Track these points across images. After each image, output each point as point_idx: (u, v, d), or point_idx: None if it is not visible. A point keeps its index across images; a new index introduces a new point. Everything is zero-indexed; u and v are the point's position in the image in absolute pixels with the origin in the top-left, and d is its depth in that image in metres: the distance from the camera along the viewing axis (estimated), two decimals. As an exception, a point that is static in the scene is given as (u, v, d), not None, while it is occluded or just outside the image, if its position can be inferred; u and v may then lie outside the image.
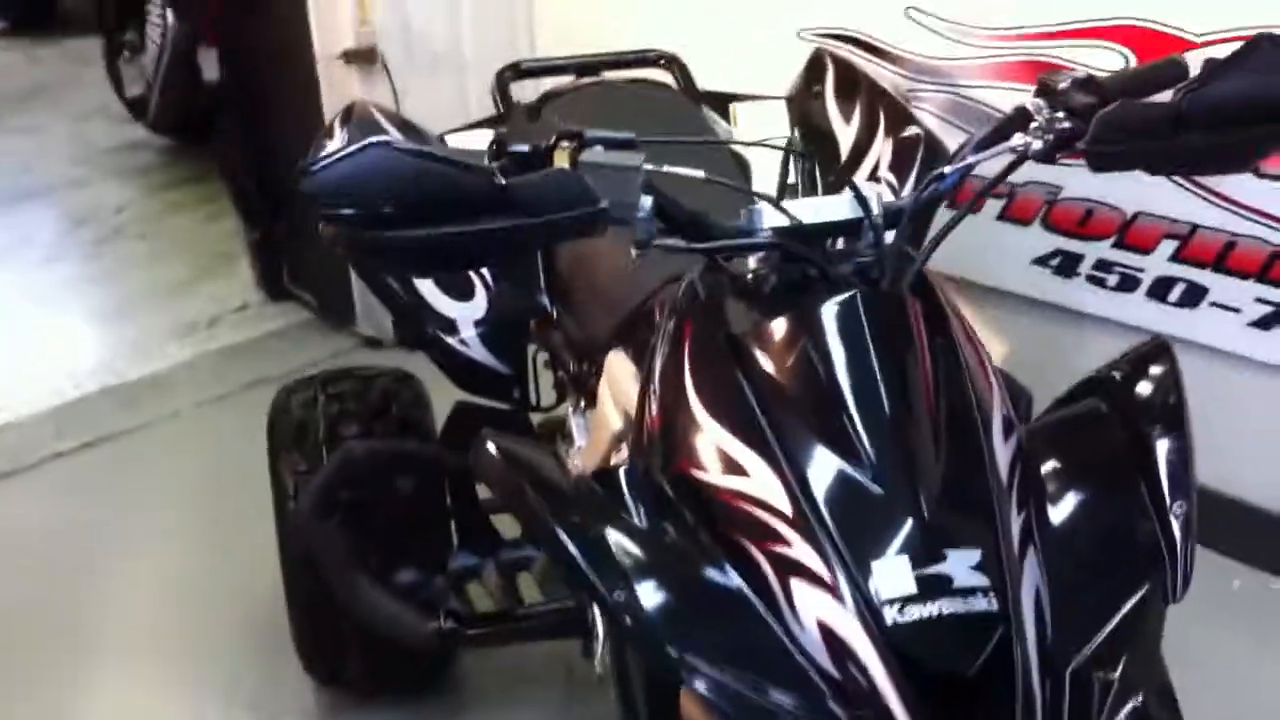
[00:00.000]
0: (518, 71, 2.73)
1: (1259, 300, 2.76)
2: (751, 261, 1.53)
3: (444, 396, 2.59)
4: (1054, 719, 1.28)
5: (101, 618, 2.98)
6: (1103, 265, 2.98)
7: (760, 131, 2.54)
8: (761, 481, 1.36)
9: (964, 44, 3.05)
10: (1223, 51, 2.57)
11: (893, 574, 1.27)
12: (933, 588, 1.26)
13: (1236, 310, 2.79)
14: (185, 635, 2.91)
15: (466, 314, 2.27)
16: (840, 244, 1.55)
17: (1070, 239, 3.01)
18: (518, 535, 2.51)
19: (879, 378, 1.38)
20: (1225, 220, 2.75)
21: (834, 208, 1.53)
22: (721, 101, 2.60)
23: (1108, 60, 2.80)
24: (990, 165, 1.62)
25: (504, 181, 1.35)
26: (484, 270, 2.27)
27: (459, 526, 2.48)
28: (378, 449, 2.30)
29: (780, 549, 1.33)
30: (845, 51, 2.86)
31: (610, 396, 2.00)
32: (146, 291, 4.63)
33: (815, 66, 2.67)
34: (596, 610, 2.00)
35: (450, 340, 2.27)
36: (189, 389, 3.93)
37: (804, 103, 2.57)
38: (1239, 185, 2.70)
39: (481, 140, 2.45)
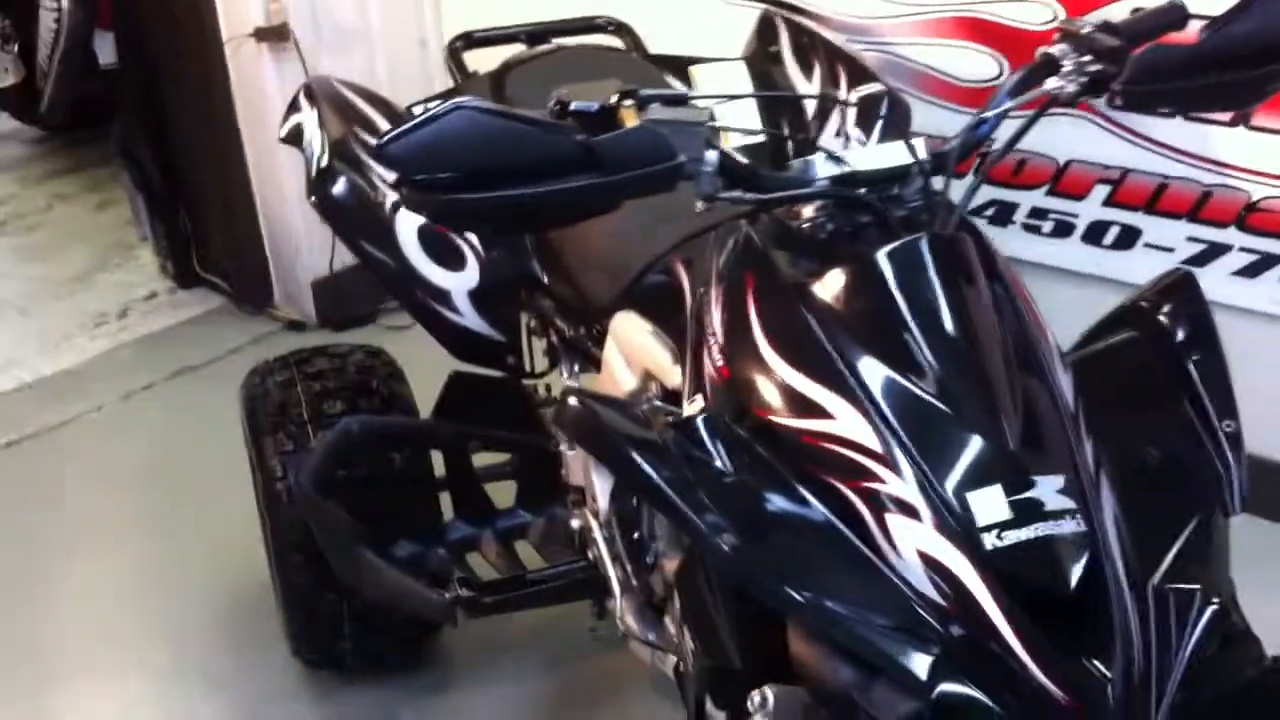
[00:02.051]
0: (469, 41, 2.72)
1: (1191, 239, 2.90)
2: (808, 210, 1.56)
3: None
4: (1143, 631, 1.35)
5: (56, 621, 2.90)
6: (1037, 213, 3.09)
7: (715, 89, 2.58)
8: (846, 422, 1.40)
9: (890, 2, 3.13)
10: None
11: (988, 502, 1.33)
12: (1025, 512, 1.33)
13: (1170, 250, 2.93)
14: (153, 631, 2.85)
15: (460, 284, 2.26)
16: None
17: (1004, 189, 3.11)
18: (510, 504, 2.52)
19: (950, 315, 1.44)
20: (1157, 163, 2.88)
21: (884, 156, 1.58)
22: (677, 65, 2.61)
23: (1037, 13, 2.90)
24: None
25: (588, 140, 1.37)
26: (473, 239, 2.27)
27: (454, 497, 2.48)
28: (375, 424, 2.28)
29: (873, 485, 1.37)
30: (789, 13, 2.90)
31: (621, 357, 2.02)
32: (46, 284, 4.47)
33: (767, 28, 2.71)
34: (611, 571, 2.03)
35: (444, 310, 2.27)
36: (111, 381, 3.81)
37: (761, 64, 2.61)
38: (1170, 129, 2.83)
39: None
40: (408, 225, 2.23)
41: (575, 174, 1.38)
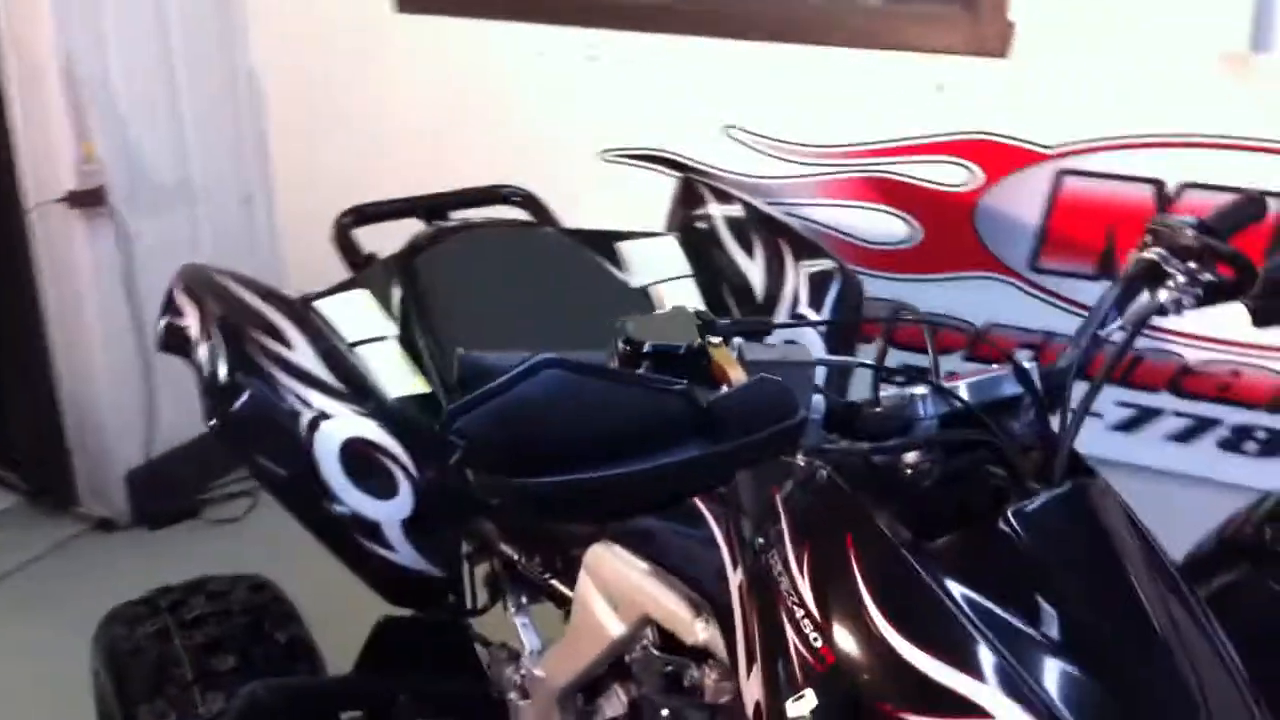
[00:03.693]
0: (360, 216, 2.38)
1: (1121, 404, 2.78)
2: (911, 454, 1.31)
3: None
4: None
5: None
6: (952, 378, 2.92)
7: (648, 269, 2.32)
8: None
9: (792, 162, 2.95)
10: (1076, 163, 2.65)
11: None
12: None
13: (1099, 415, 2.80)
14: None
15: (392, 513, 1.90)
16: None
17: (918, 354, 2.93)
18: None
19: (1115, 584, 1.21)
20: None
21: (992, 385, 1.34)
22: (600, 240, 2.34)
23: (951, 173, 2.77)
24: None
25: (704, 400, 1.08)
26: (405, 459, 1.92)
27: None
28: (288, 688, 1.90)
29: None
30: (708, 180, 2.68)
31: (602, 597, 1.71)
32: None
33: (690, 197, 2.50)
34: None
35: (374, 546, 1.89)
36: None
37: (694, 239, 2.38)
38: (1095, 291, 2.70)
39: (357, 304, 2.13)
40: (328, 447, 1.87)
41: (683, 442, 1.08)
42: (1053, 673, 1.14)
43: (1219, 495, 2.70)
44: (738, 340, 1.22)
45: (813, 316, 2.22)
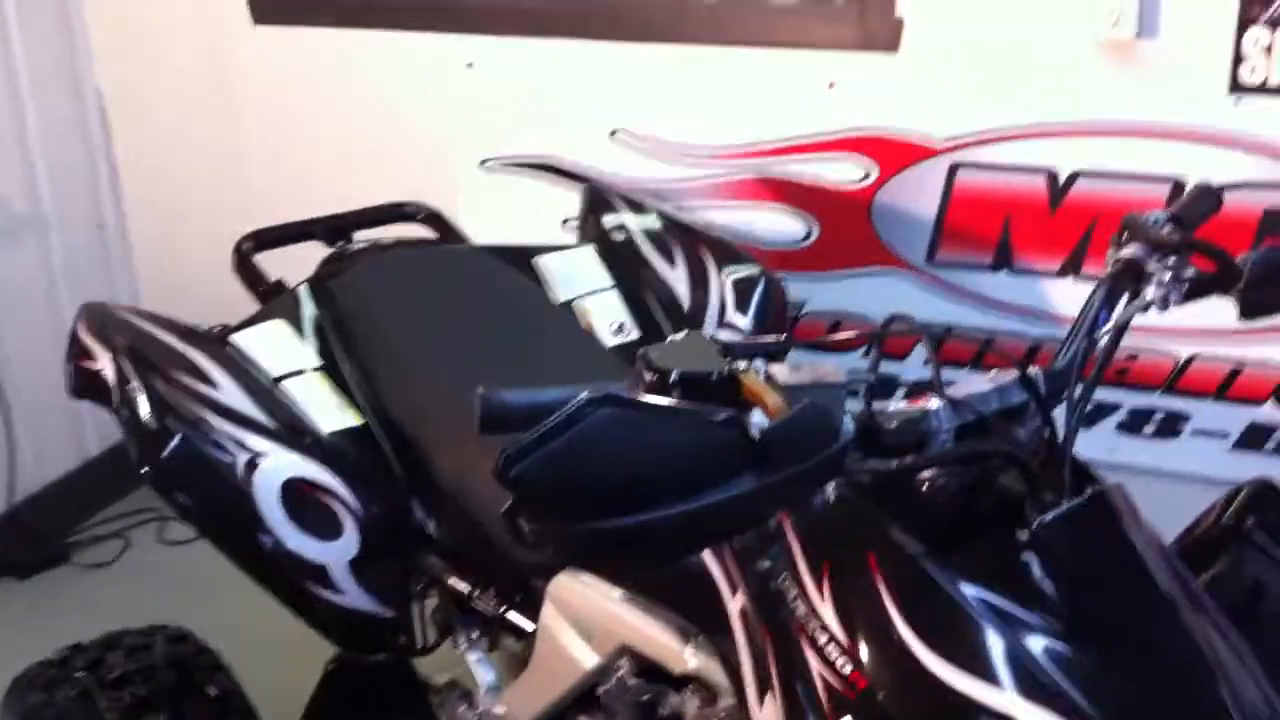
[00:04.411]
0: (259, 241, 2.27)
1: (1021, 392, 2.83)
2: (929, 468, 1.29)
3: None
4: None
5: None
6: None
7: (569, 283, 2.27)
8: None
9: (683, 165, 2.92)
10: (969, 156, 2.69)
11: None
12: None
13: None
14: None
15: (338, 554, 1.81)
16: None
17: (818, 352, 2.94)
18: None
19: (1144, 585, 1.21)
20: (982, 319, 2.79)
21: (1000, 393, 1.34)
22: (516, 256, 2.27)
23: (848, 171, 2.78)
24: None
25: (758, 432, 1.04)
26: (348, 498, 1.83)
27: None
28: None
29: None
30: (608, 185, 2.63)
31: (570, 628, 1.66)
32: None
33: (598, 205, 2.45)
34: None
35: (322, 590, 1.81)
36: None
37: (612, 250, 2.33)
38: (993, 282, 2.75)
39: (276, 336, 2.04)
40: (267, 489, 1.78)
41: (736, 475, 1.05)
42: (1095, 683, 1.14)
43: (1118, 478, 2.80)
44: (758, 362, 1.19)
45: (740, 322, 2.21)
